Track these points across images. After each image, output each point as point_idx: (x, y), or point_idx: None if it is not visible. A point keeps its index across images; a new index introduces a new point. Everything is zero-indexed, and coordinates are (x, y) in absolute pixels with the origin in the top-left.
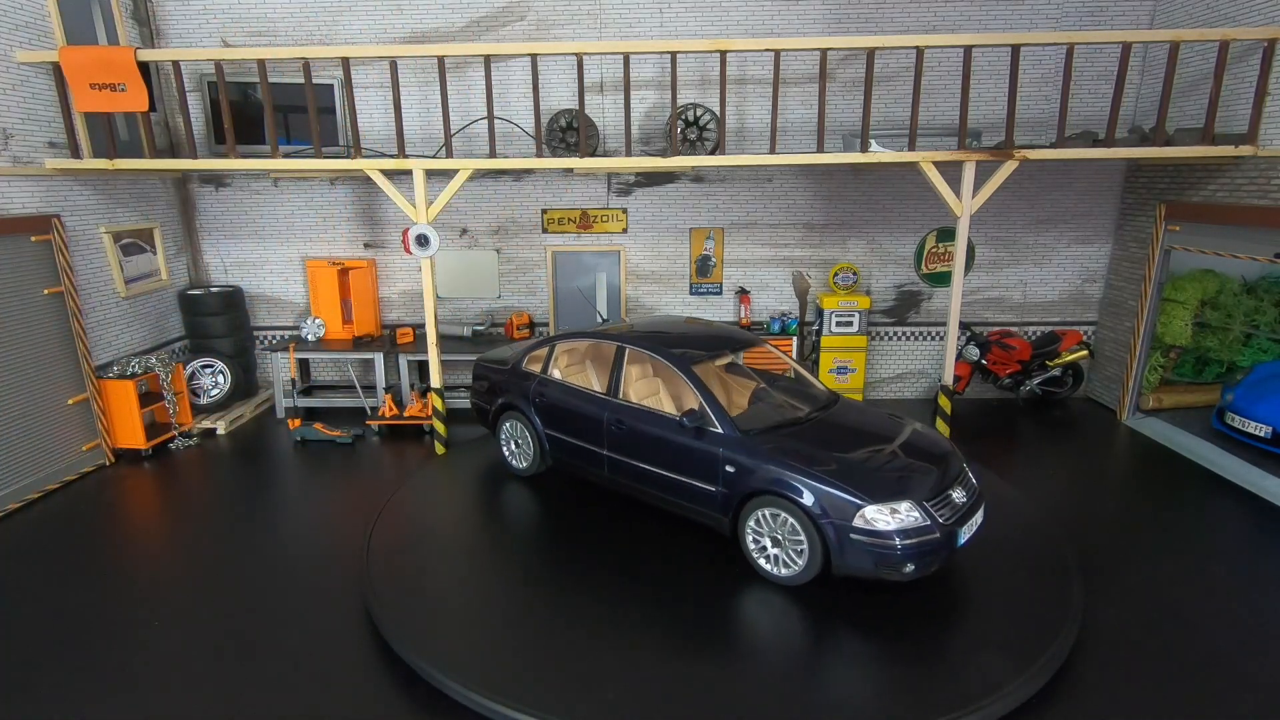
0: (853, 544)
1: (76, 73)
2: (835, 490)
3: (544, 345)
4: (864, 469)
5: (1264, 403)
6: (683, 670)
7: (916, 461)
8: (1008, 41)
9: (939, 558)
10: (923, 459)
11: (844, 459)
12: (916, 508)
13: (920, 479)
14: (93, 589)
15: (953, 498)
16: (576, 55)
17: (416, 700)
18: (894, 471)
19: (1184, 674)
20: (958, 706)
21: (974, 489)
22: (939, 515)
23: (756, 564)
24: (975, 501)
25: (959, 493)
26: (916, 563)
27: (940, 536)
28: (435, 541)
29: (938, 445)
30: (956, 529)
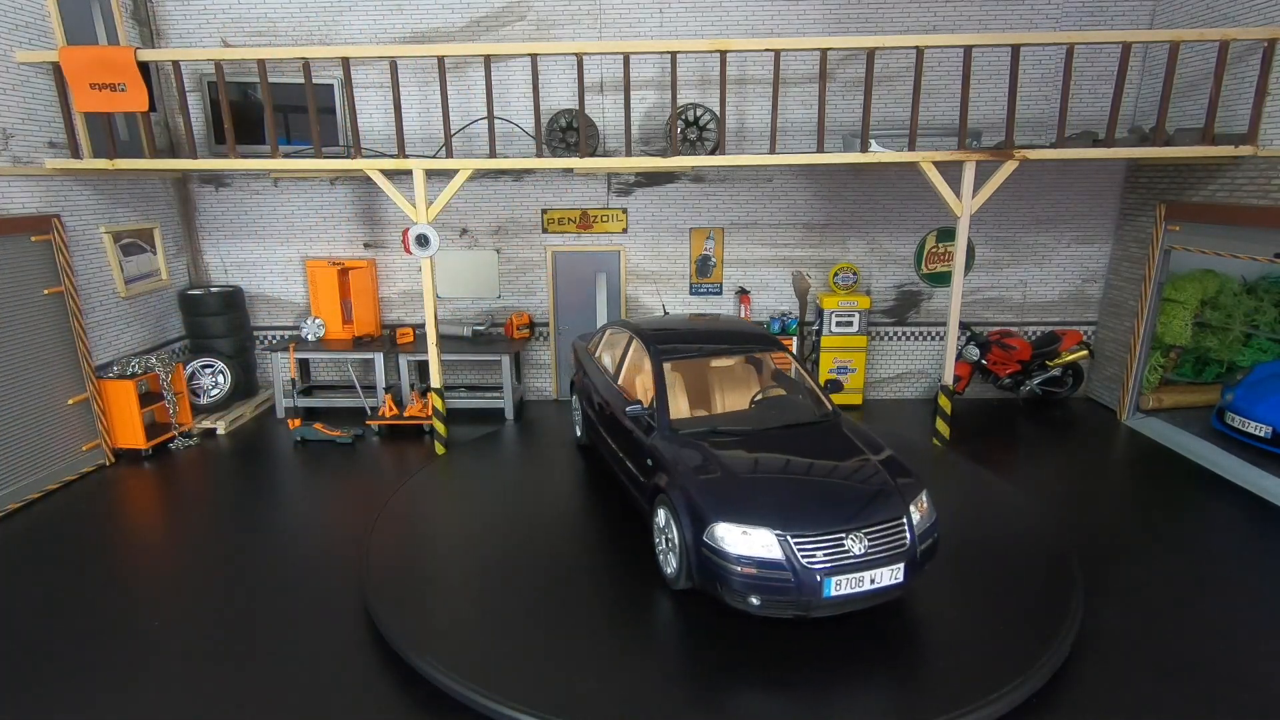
0: (701, 558)
1: (76, 73)
2: (697, 499)
3: (600, 331)
4: (738, 484)
5: (1264, 403)
6: (687, 669)
7: (832, 496)
8: (1008, 41)
9: (792, 601)
10: (847, 497)
11: (734, 473)
12: (775, 539)
13: (805, 513)
14: (93, 589)
15: (845, 543)
16: (576, 55)
17: (417, 700)
18: (778, 497)
19: (1184, 674)
20: (957, 706)
21: (901, 546)
22: (804, 556)
23: (659, 560)
24: (889, 558)
25: (860, 543)
26: (760, 597)
27: (795, 578)
28: (435, 541)
29: (877, 486)
30: (826, 577)
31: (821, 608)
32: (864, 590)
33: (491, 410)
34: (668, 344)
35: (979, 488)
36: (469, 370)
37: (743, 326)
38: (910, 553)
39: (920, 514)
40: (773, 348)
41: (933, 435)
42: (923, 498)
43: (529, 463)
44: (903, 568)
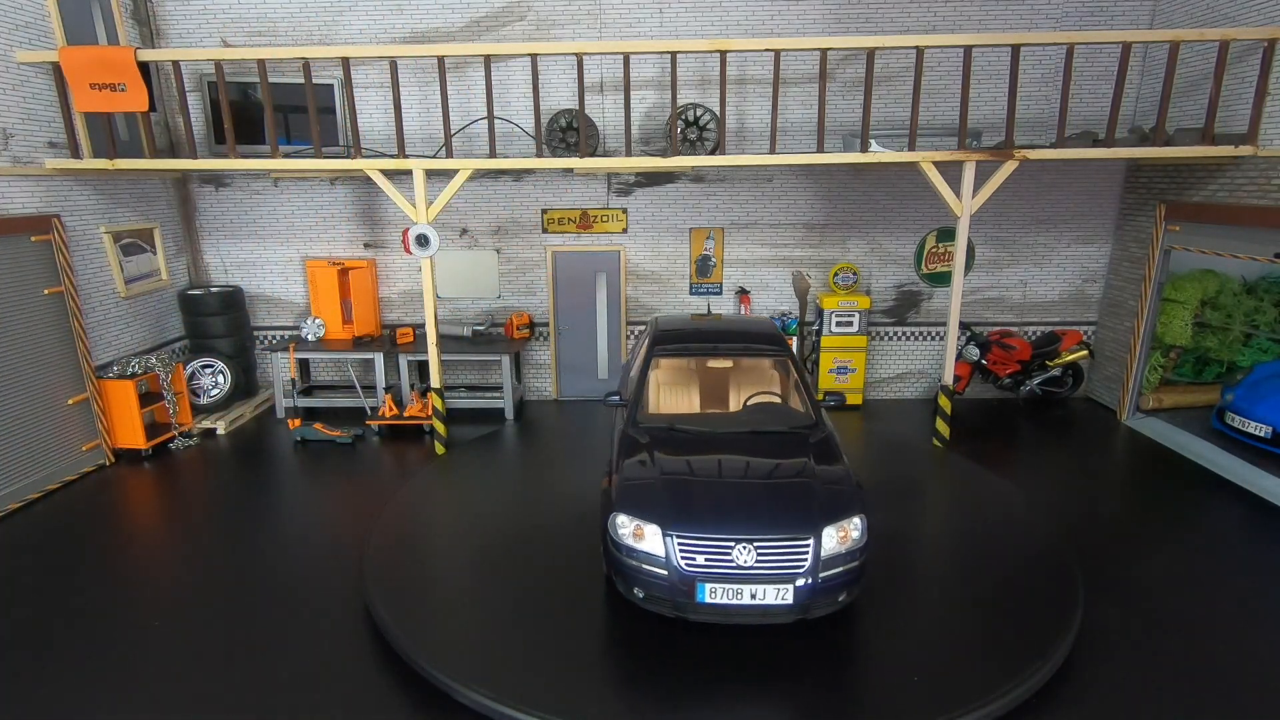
0: (605, 546)
1: (76, 73)
2: (614, 488)
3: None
4: (655, 480)
5: (1264, 403)
6: (691, 669)
7: (743, 505)
8: (1008, 41)
9: (665, 600)
10: (759, 508)
11: (661, 469)
12: (660, 536)
13: (701, 516)
14: (93, 589)
15: (732, 552)
16: (576, 55)
17: (417, 700)
18: (684, 497)
19: (1183, 673)
20: (957, 706)
21: (796, 568)
22: (684, 557)
23: None
24: (778, 577)
25: (748, 555)
26: (643, 591)
27: (670, 577)
28: (436, 541)
29: (798, 503)
30: (701, 582)
31: (698, 612)
32: (743, 604)
33: (492, 410)
34: (671, 340)
35: (979, 487)
36: (469, 370)
37: (760, 328)
38: (806, 576)
39: (838, 540)
40: (777, 353)
41: (933, 435)
42: (850, 524)
43: (529, 463)
44: (792, 590)
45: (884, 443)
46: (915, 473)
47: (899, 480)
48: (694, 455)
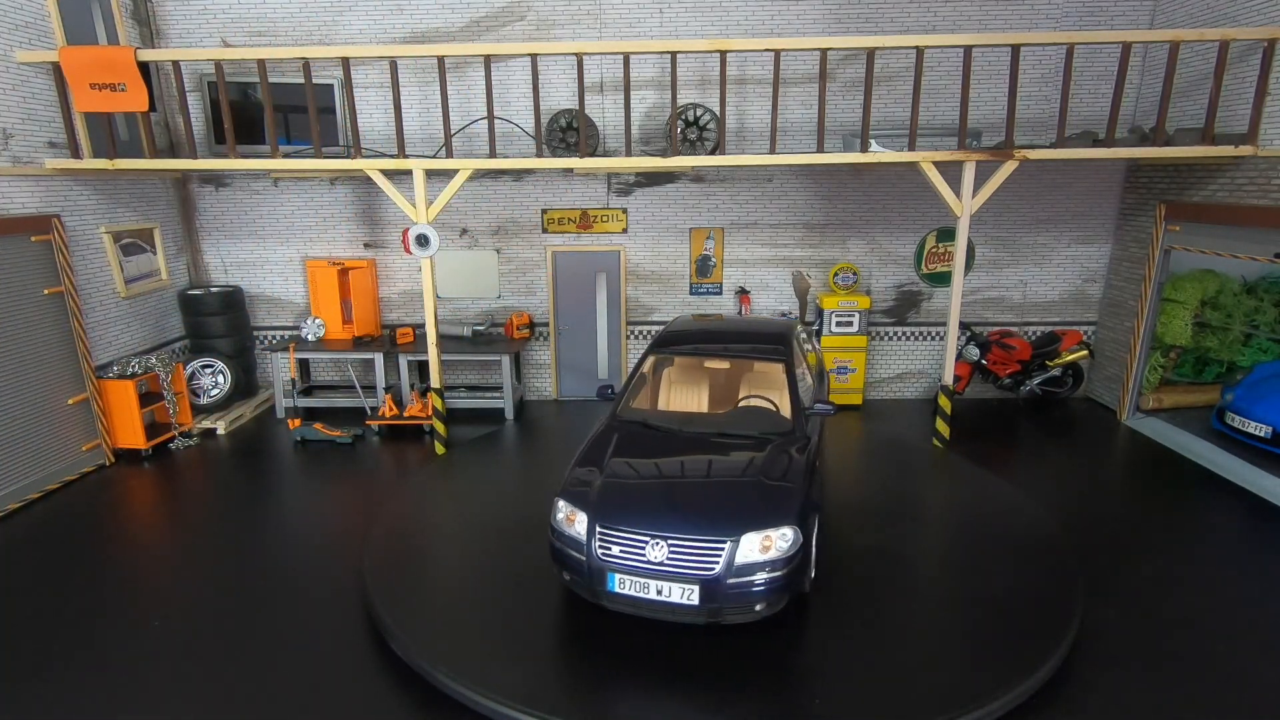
0: (549, 530)
1: (76, 73)
2: (565, 476)
3: None
4: (601, 471)
5: (1264, 403)
6: (693, 671)
7: (673, 503)
8: (1008, 41)
9: (586, 586)
10: (688, 508)
11: (611, 460)
12: (585, 524)
13: (626, 509)
14: (93, 589)
15: (645, 547)
16: (576, 55)
17: (416, 700)
18: (618, 489)
19: (1183, 674)
20: (955, 706)
21: (704, 570)
22: (600, 546)
23: None
24: (684, 577)
25: (659, 552)
26: (568, 573)
27: (585, 564)
28: (435, 542)
29: (728, 508)
30: (610, 571)
31: (611, 601)
32: (649, 598)
33: (492, 410)
34: (671, 339)
35: (978, 488)
36: (469, 370)
37: (768, 330)
38: (713, 580)
39: (759, 549)
40: (775, 357)
41: (933, 435)
42: (777, 534)
43: (529, 463)
44: (698, 591)
45: (884, 443)
46: (915, 473)
47: (898, 480)
48: (651, 451)
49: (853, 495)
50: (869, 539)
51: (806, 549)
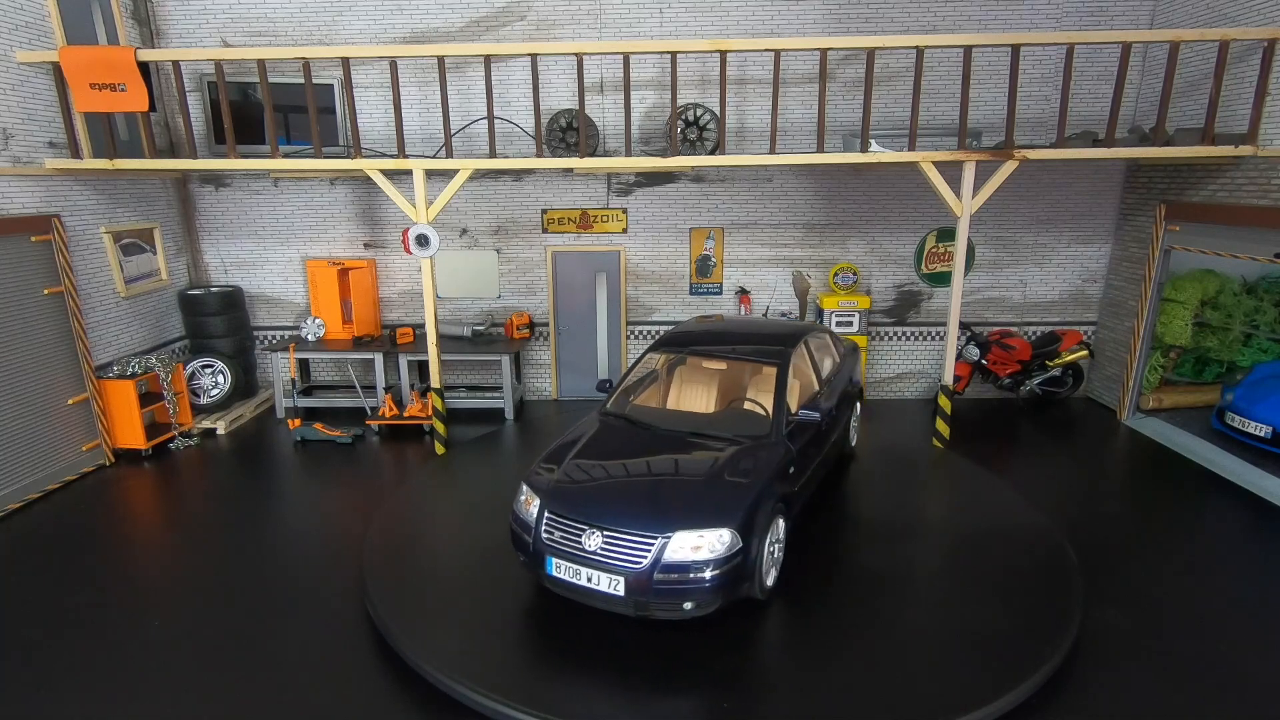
0: None
1: (76, 73)
2: (535, 463)
3: None
4: (565, 461)
5: (1264, 403)
6: (688, 669)
7: (621, 496)
8: (1008, 41)
9: (528, 564)
10: (632, 502)
11: (579, 452)
12: (538, 510)
13: (575, 497)
14: (93, 589)
15: (582, 535)
16: (576, 55)
17: (416, 699)
18: (576, 479)
19: (1183, 674)
20: (956, 707)
21: (632, 564)
22: (545, 530)
23: None
24: (612, 568)
25: (594, 541)
26: (521, 554)
27: (531, 545)
28: (434, 541)
29: (671, 506)
30: (549, 555)
31: (551, 584)
32: (579, 584)
33: (492, 410)
34: (673, 339)
35: (978, 487)
36: (469, 370)
37: (773, 333)
38: (640, 574)
39: (691, 548)
40: (770, 362)
41: (933, 435)
42: (713, 535)
43: (528, 463)
44: (623, 583)
45: (883, 443)
46: (914, 473)
47: (897, 480)
48: (620, 446)
49: (850, 495)
50: (865, 540)
51: (748, 553)
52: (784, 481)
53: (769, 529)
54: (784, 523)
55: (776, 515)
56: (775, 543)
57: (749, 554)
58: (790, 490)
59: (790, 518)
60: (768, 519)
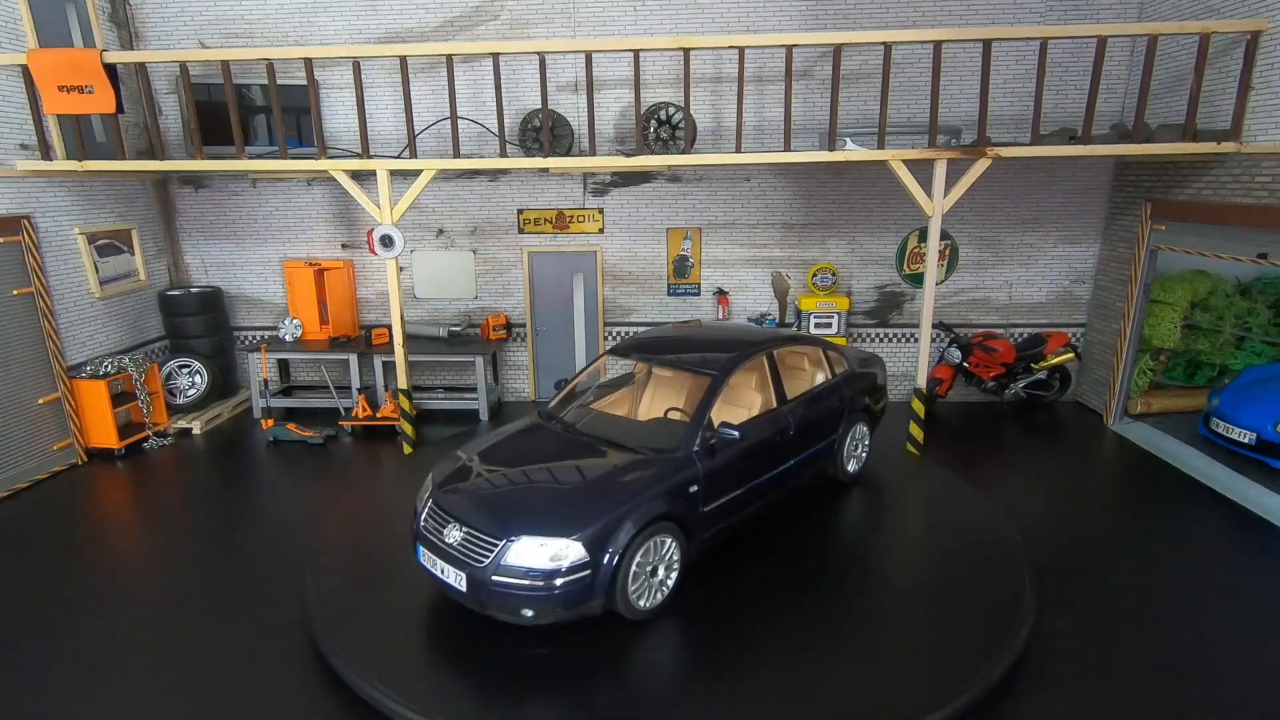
0: None
1: (45, 75)
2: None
3: None
4: (477, 454)
5: (1249, 408)
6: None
7: (498, 494)
8: (979, 36)
9: (413, 538)
10: (504, 502)
11: (491, 447)
12: (426, 500)
13: (458, 492)
14: (53, 587)
15: (446, 527)
16: (539, 54)
17: (341, 702)
18: (472, 474)
19: (1141, 692)
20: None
21: (476, 561)
22: (423, 519)
23: None
24: (459, 562)
25: (454, 535)
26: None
27: (413, 531)
28: (380, 542)
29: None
30: (419, 542)
31: (419, 569)
32: (435, 574)
33: (467, 411)
34: (628, 345)
35: (944, 494)
36: (445, 371)
37: (725, 343)
38: (480, 572)
39: (531, 556)
40: (705, 372)
41: (907, 440)
42: (558, 545)
43: None
44: (465, 578)
45: None
46: (883, 480)
47: (865, 487)
48: (529, 446)
49: (810, 502)
50: (819, 549)
51: (599, 569)
52: (678, 500)
53: (640, 547)
54: (674, 542)
55: (661, 535)
56: (658, 563)
57: (600, 569)
58: (691, 511)
59: (697, 539)
60: (638, 536)
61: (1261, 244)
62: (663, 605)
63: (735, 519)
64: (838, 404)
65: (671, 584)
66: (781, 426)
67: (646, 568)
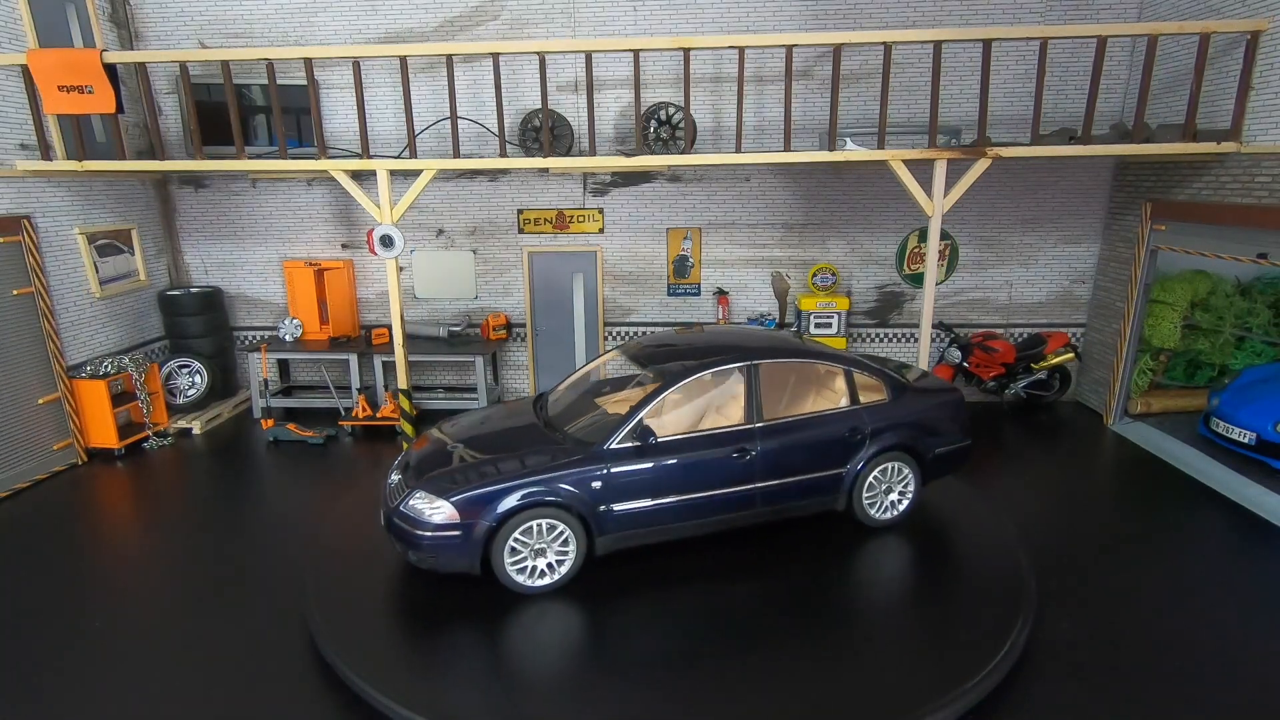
0: None
1: (44, 75)
2: None
3: None
4: (448, 434)
5: (1249, 408)
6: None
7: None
8: (978, 36)
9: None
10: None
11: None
12: (398, 473)
13: (419, 467)
14: (52, 588)
15: (392, 476)
16: (539, 54)
17: (339, 702)
18: (440, 456)
19: (1141, 692)
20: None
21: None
22: (393, 479)
23: None
24: (388, 505)
25: (396, 478)
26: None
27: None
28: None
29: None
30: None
31: None
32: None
33: (467, 410)
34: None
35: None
36: (446, 371)
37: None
38: (390, 513)
39: (417, 508)
40: (654, 379)
41: None
42: (432, 503)
43: None
44: (383, 515)
45: None
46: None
47: None
48: (495, 427)
49: None
50: (816, 547)
51: (470, 534)
52: (578, 491)
53: (521, 525)
54: (568, 531)
55: (549, 520)
56: (545, 545)
57: (470, 533)
58: (593, 505)
59: (607, 535)
60: (518, 514)
61: (1261, 244)
62: (554, 587)
63: (668, 530)
64: (848, 435)
65: (566, 570)
66: (741, 447)
67: (530, 546)
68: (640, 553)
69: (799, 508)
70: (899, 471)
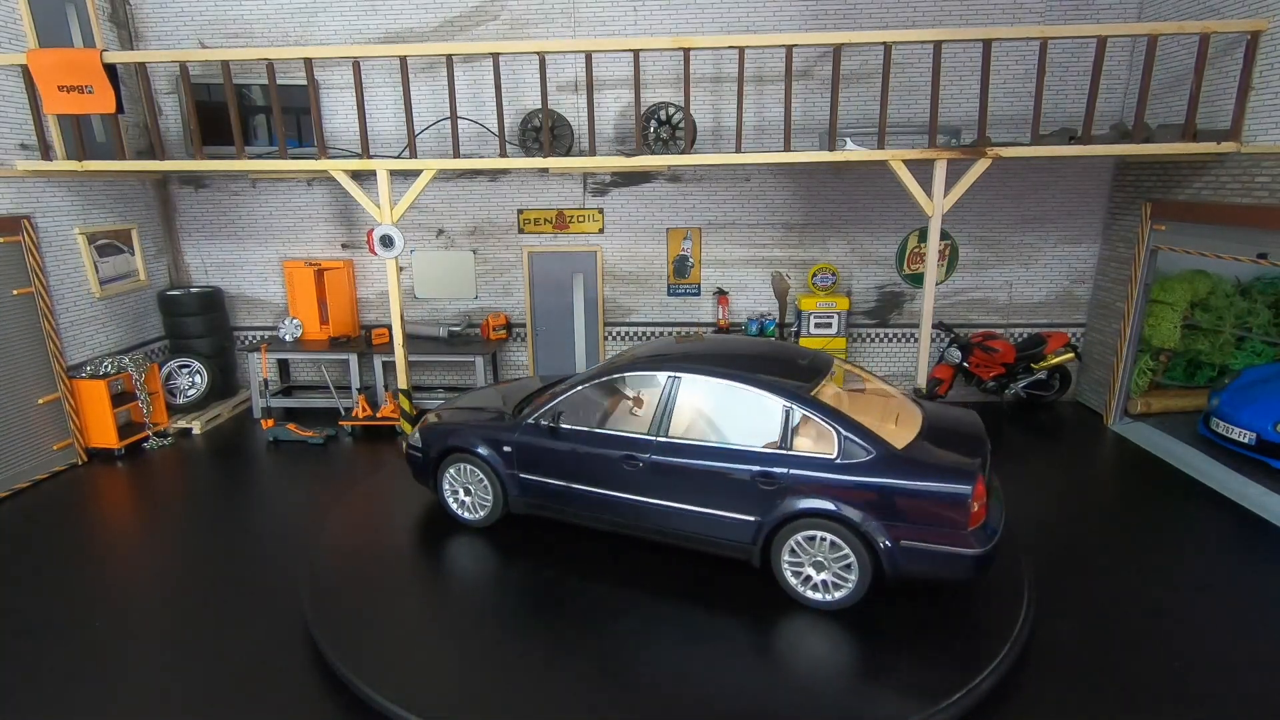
0: None
1: (44, 75)
2: None
3: None
4: (456, 405)
5: (1249, 408)
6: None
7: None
8: (978, 36)
9: None
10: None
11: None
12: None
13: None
14: (56, 587)
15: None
16: (539, 54)
17: (340, 705)
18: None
19: (1141, 692)
20: None
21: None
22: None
23: None
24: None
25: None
26: None
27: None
28: (380, 547)
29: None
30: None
31: None
32: None
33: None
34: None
35: None
36: (446, 371)
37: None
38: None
39: (410, 436)
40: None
41: None
42: (415, 433)
43: None
44: (404, 441)
45: None
46: None
47: None
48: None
49: None
50: None
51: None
52: (494, 449)
53: (454, 464)
54: (485, 479)
55: (470, 464)
56: (466, 484)
57: (427, 458)
58: (504, 464)
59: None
60: (452, 454)
61: (1261, 244)
62: (477, 524)
63: (565, 513)
64: (754, 479)
65: (484, 513)
66: (631, 456)
67: (460, 483)
68: (640, 554)
69: (702, 541)
70: (834, 547)
